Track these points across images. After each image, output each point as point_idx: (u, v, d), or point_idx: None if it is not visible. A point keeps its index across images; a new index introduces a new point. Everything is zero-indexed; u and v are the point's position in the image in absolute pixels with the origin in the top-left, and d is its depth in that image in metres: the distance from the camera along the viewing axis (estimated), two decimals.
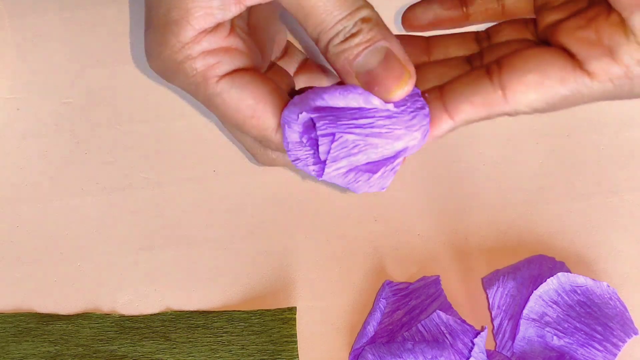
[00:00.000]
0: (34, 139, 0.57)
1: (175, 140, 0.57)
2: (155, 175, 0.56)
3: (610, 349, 0.51)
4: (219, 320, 0.54)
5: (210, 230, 0.55)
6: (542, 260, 0.53)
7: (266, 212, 0.56)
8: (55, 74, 0.58)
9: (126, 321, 0.54)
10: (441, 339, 0.50)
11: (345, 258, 0.55)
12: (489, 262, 0.54)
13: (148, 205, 0.56)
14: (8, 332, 0.54)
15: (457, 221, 0.55)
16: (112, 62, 0.58)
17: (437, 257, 0.55)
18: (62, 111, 0.57)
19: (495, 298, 0.53)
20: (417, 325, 0.51)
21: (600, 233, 0.55)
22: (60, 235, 0.55)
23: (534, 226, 0.55)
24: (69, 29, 0.59)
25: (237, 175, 0.56)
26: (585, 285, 0.52)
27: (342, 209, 0.55)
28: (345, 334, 0.54)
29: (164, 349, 0.53)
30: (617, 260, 0.54)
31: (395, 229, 0.55)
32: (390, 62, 0.42)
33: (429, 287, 0.53)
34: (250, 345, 0.53)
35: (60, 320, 0.54)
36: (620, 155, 0.56)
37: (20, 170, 0.57)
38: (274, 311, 0.54)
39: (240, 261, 0.55)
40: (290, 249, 0.55)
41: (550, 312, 0.51)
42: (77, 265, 0.55)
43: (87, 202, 0.56)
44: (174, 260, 0.55)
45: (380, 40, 0.42)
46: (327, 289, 0.54)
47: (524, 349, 0.51)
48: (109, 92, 0.58)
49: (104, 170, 0.57)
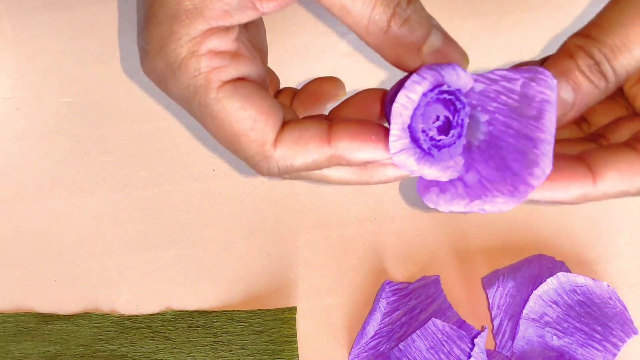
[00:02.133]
0: (33, 139, 0.57)
1: (174, 140, 0.57)
2: (155, 174, 0.56)
3: (609, 348, 0.51)
4: (219, 320, 0.54)
5: (210, 230, 0.55)
6: (542, 260, 0.53)
7: (266, 212, 0.56)
8: (55, 73, 0.58)
9: (126, 321, 0.54)
10: (438, 348, 0.50)
11: (345, 258, 0.55)
12: (489, 262, 0.54)
13: (148, 204, 0.56)
14: (8, 332, 0.54)
15: (457, 221, 0.55)
16: (112, 61, 0.58)
17: (437, 257, 0.55)
18: (62, 111, 0.57)
19: (495, 298, 0.53)
20: (412, 336, 0.51)
21: (600, 233, 0.55)
22: (60, 235, 0.56)
23: (534, 226, 0.55)
24: (69, 29, 0.59)
25: (237, 175, 0.56)
26: (585, 285, 0.52)
27: (342, 209, 0.55)
28: (345, 334, 0.54)
29: (164, 348, 0.53)
30: (617, 260, 0.54)
31: (395, 229, 0.55)
32: (450, 40, 0.41)
33: (429, 287, 0.53)
34: (250, 345, 0.53)
35: (60, 320, 0.54)
36: None
37: (20, 170, 0.57)
38: (274, 311, 0.54)
39: (240, 261, 0.55)
40: (290, 249, 0.55)
41: (550, 312, 0.51)
42: (77, 265, 0.55)
43: (87, 201, 0.56)
44: (174, 260, 0.55)
45: (433, 21, 0.41)
46: (327, 289, 0.54)
47: (524, 349, 0.52)
48: (109, 92, 0.58)
49: (103, 169, 0.57)
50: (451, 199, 0.40)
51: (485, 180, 0.40)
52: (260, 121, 0.42)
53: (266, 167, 0.43)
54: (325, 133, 0.42)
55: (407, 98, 0.39)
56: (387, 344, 0.52)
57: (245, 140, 0.42)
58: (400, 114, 0.39)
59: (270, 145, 0.42)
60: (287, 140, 0.42)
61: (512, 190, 0.39)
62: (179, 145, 0.57)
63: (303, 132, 0.42)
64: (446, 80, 0.40)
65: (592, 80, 0.41)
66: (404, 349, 0.51)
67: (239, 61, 0.42)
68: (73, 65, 0.58)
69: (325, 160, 0.42)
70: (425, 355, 0.50)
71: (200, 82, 0.42)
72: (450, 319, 0.53)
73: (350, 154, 0.41)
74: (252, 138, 0.42)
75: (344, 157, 0.42)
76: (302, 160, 0.42)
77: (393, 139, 0.40)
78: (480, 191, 0.40)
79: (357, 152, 0.41)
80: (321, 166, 0.42)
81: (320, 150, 0.42)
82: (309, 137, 0.42)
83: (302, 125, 0.42)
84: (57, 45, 0.58)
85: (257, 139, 0.42)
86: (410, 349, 0.50)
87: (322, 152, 0.42)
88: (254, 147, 0.42)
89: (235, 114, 0.42)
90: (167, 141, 0.57)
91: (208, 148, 0.57)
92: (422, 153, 0.40)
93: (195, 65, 0.42)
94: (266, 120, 0.42)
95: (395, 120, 0.40)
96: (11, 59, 0.58)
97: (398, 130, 0.40)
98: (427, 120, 0.40)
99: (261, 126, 0.42)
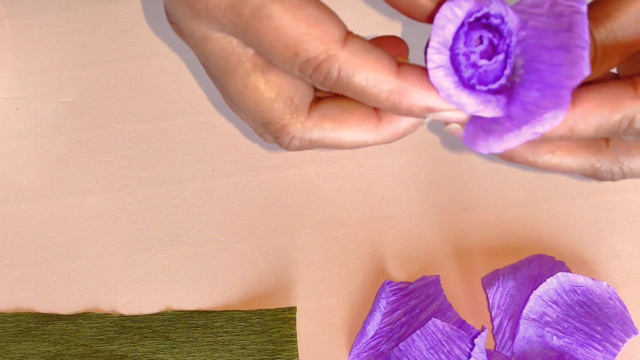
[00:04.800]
0: (33, 139, 0.57)
1: (174, 139, 0.57)
2: (154, 174, 0.56)
3: (609, 348, 0.51)
4: (219, 320, 0.54)
5: (210, 230, 0.55)
6: (542, 259, 0.53)
7: (266, 212, 0.56)
8: (55, 73, 0.58)
9: (126, 321, 0.54)
10: (438, 348, 0.50)
11: (345, 258, 0.55)
12: (489, 262, 0.54)
13: (148, 204, 0.56)
14: (8, 332, 0.54)
15: (457, 221, 0.55)
16: (112, 61, 0.58)
17: (437, 257, 0.55)
18: (62, 111, 0.57)
19: (495, 298, 0.53)
20: (412, 336, 0.51)
21: (600, 233, 0.55)
22: (60, 235, 0.56)
23: (534, 226, 0.55)
24: (69, 29, 0.59)
25: (237, 175, 0.56)
26: (585, 285, 0.52)
27: (342, 209, 0.55)
28: (345, 333, 0.54)
29: (164, 348, 0.53)
30: (617, 260, 0.54)
31: (395, 229, 0.55)
32: None
33: (429, 287, 0.53)
34: (250, 345, 0.53)
35: (60, 320, 0.54)
36: None
37: (19, 170, 0.57)
38: (274, 311, 0.54)
39: (240, 261, 0.55)
40: (290, 249, 0.55)
41: (550, 312, 0.51)
42: (77, 265, 0.55)
43: (87, 201, 0.56)
44: (174, 260, 0.55)
45: None
46: (327, 289, 0.54)
47: (524, 349, 0.52)
48: (108, 91, 0.58)
49: (103, 169, 0.57)
50: (501, 136, 0.38)
51: (529, 105, 0.39)
52: (324, 18, 0.39)
53: (326, 69, 0.39)
54: (396, 65, 0.40)
55: (451, 11, 0.37)
56: (387, 344, 0.52)
57: (309, 37, 0.39)
58: (443, 27, 0.37)
59: (338, 41, 0.39)
60: (358, 46, 0.39)
61: (556, 100, 0.38)
62: (179, 145, 0.57)
63: (374, 49, 0.40)
64: (493, 9, 0.38)
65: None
66: (404, 349, 0.51)
67: None
68: (73, 65, 0.58)
69: (387, 92, 0.39)
70: (425, 355, 0.50)
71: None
72: (450, 319, 0.53)
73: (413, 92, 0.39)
74: (317, 35, 0.39)
75: (407, 95, 0.39)
76: (364, 78, 0.39)
77: (432, 51, 0.38)
78: (527, 117, 0.38)
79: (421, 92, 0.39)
80: (378, 99, 0.40)
81: (387, 75, 0.39)
82: (380, 56, 0.39)
83: (374, 47, 0.40)
84: (57, 45, 0.58)
85: (322, 35, 0.39)
86: (410, 349, 0.50)
87: (387, 79, 0.39)
88: (318, 44, 0.39)
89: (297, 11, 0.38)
90: (167, 141, 0.57)
91: (208, 148, 0.57)
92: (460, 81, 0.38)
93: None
94: (329, 18, 0.39)
95: (437, 32, 0.37)
96: (11, 59, 0.58)
97: (438, 44, 0.38)
98: (470, 44, 0.38)
99: (325, 22, 0.39)
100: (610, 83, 0.40)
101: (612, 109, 0.39)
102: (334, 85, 0.40)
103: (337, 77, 0.39)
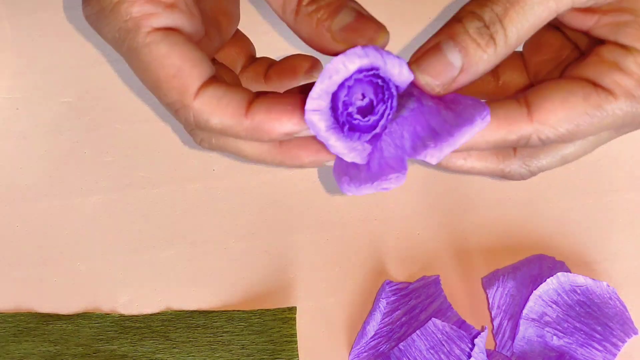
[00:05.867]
0: (33, 139, 0.57)
1: (174, 140, 0.57)
2: (154, 174, 0.56)
3: (609, 348, 0.51)
4: (218, 320, 0.54)
5: (210, 230, 0.55)
6: (542, 259, 0.53)
7: (266, 212, 0.56)
8: (55, 73, 0.58)
9: (126, 321, 0.54)
10: (438, 348, 0.50)
11: (345, 258, 0.55)
12: (489, 262, 0.54)
13: (148, 204, 0.56)
14: (8, 332, 0.54)
15: (457, 221, 0.55)
16: (112, 61, 0.58)
17: (437, 257, 0.55)
18: (62, 111, 0.57)
19: (495, 298, 0.53)
20: (412, 336, 0.51)
21: (600, 233, 0.55)
22: (60, 235, 0.56)
23: (534, 226, 0.55)
24: (69, 29, 0.59)
25: (237, 175, 0.56)
26: (585, 285, 0.52)
27: (342, 209, 0.55)
28: (345, 334, 0.54)
29: (164, 348, 0.53)
30: (617, 260, 0.54)
31: (395, 229, 0.55)
32: (364, 18, 0.41)
33: (429, 287, 0.53)
34: (250, 345, 0.53)
35: (60, 320, 0.54)
36: (620, 155, 0.56)
37: (19, 170, 0.57)
38: (274, 311, 0.54)
39: (240, 261, 0.55)
40: (290, 249, 0.55)
41: (550, 312, 0.51)
42: (77, 265, 0.55)
43: (87, 201, 0.56)
44: (174, 260, 0.55)
45: (349, 2, 0.41)
46: (327, 289, 0.54)
47: (524, 349, 0.52)
48: (108, 91, 0.58)
49: (103, 169, 0.57)
50: (359, 185, 0.41)
51: (383, 162, 0.41)
52: (184, 69, 0.42)
53: (184, 117, 0.43)
54: (247, 103, 0.42)
55: (342, 65, 0.39)
56: (387, 344, 0.52)
57: (167, 86, 0.42)
58: (330, 77, 0.39)
59: (190, 94, 0.42)
60: (209, 96, 0.42)
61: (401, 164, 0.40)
62: (179, 145, 0.57)
63: (227, 94, 0.42)
64: (387, 68, 0.40)
65: (479, 43, 0.41)
66: (404, 349, 0.51)
67: (173, 12, 0.43)
68: (73, 65, 0.58)
69: (242, 130, 0.42)
70: (425, 355, 0.50)
71: (129, 26, 0.42)
72: (450, 319, 0.53)
73: (265, 125, 0.42)
74: (174, 85, 0.42)
75: (260, 129, 0.42)
76: (219, 122, 0.42)
77: (313, 95, 0.39)
78: (379, 173, 0.41)
79: (272, 123, 0.41)
80: (238, 135, 0.42)
81: (237, 118, 0.42)
82: (230, 100, 0.42)
83: (229, 88, 0.42)
84: (57, 45, 0.58)
85: (178, 87, 0.42)
86: (410, 349, 0.50)
87: (239, 121, 0.42)
88: (174, 93, 0.43)
89: (161, 59, 0.42)
90: (167, 141, 0.57)
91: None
92: (334, 123, 0.40)
93: (127, 10, 0.42)
94: (190, 69, 0.42)
95: (323, 81, 0.39)
96: (11, 59, 0.58)
97: (321, 90, 0.39)
98: (351, 96, 0.40)
99: (184, 75, 0.42)
100: (505, 102, 0.42)
101: (507, 132, 0.42)
102: (197, 127, 0.43)
103: (195, 121, 0.42)
